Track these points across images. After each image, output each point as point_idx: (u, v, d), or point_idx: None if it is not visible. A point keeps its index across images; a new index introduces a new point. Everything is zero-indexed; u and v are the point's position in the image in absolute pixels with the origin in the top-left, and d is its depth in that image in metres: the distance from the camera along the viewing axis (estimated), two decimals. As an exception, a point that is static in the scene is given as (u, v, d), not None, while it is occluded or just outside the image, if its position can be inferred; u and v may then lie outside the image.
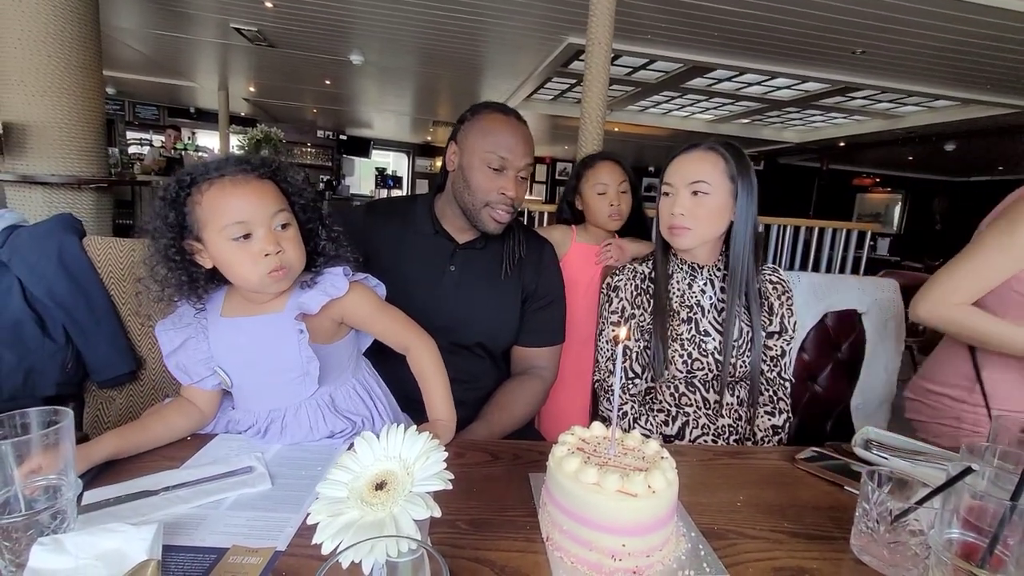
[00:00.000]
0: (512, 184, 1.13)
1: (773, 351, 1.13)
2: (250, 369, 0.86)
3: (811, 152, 9.09)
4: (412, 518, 0.41)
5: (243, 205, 0.78)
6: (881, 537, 0.63)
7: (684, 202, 1.05)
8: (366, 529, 0.41)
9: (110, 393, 1.23)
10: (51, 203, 2.67)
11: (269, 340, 0.85)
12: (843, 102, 6.28)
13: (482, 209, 1.14)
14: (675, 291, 1.14)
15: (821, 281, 1.56)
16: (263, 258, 0.78)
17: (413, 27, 4.65)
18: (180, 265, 0.81)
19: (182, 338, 0.86)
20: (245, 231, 0.78)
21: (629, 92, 6.55)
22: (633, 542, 0.59)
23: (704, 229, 1.07)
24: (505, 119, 1.14)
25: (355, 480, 0.46)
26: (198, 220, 0.79)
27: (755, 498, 0.78)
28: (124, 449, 0.78)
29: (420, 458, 0.47)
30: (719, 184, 1.04)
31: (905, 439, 0.98)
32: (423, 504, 0.41)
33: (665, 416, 1.13)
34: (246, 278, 0.80)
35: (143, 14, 4.88)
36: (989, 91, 5.16)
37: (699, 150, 1.07)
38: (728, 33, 4.23)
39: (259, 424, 0.87)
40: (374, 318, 0.92)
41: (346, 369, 0.94)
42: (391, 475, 0.46)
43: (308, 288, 0.86)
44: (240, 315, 0.87)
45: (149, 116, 10.03)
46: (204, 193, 0.79)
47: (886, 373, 1.60)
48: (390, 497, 0.43)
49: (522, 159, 1.14)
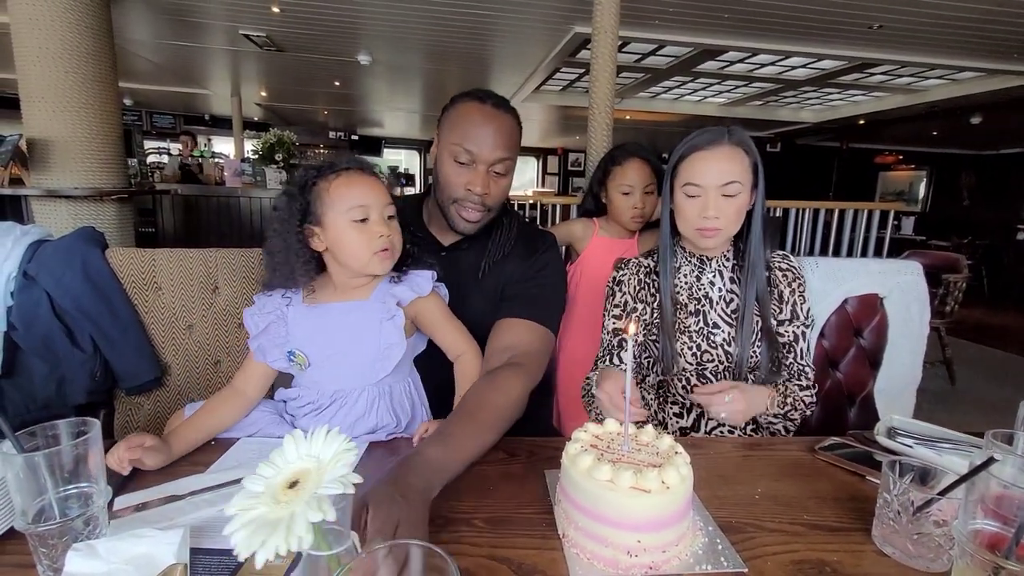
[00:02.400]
0: (480, 179, 1.03)
1: (785, 337, 1.11)
2: (329, 351, 0.95)
3: (830, 132, 8.84)
4: (307, 520, 0.41)
5: (365, 192, 0.91)
6: (904, 528, 0.62)
7: (718, 204, 1.00)
8: (265, 527, 0.42)
9: (138, 399, 1.27)
10: (75, 215, 2.75)
11: (353, 323, 0.95)
12: (862, 79, 6.09)
13: (451, 206, 1.07)
14: (683, 284, 1.12)
15: (840, 266, 1.53)
16: (377, 238, 0.90)
17: (419, 25, 4.64)
18: (296, 245, 0.92)
19: (266, 323, 0.96)
20: (364, 214, 0.90)
21: (640, 79, 6.45)
22: (648, 538, 0.59)
23: (732, 227, 1.03)
24: (477, 108, 1.04)
25: (275, 476, 0.47)
26: (323, 204, 0.91)
27: (774, 490, 0.77)
28: (186, 448, 0.86)
29: (332, 460, 0.47)
30: (746, 180, 1.01)
31: (930, 426, 0.96)
32: (317, 507, 0.42)
33: (679, 408, 1.13)
34: (358, 255, 0.92)
35: (155, 25, 4.96)
36: (1016, 60, 4.96)
37: (725, 147, 1.00)
38: (738, 14, 4.13)
39: (320, 402, 0.95)
40: (443, 323, 1.00)
41: (406, 366, 1.02)
42: (305, 475, 0.46)
43: (396, 283, 0.97)
44: (327, 301, 0.97)
45: (166, 125, 10.22)
46: (332, 181, 0.91)
47: (911, 357, 1.56)
48: (297, 497, 0.43)
49: (492, 152, 1.02)
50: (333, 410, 0.95)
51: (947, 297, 3.48)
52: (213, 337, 1.31)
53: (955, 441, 0.90)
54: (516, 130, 1.08)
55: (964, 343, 4.44)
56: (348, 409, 0.94)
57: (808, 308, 1.13)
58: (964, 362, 3.80)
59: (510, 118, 1.06)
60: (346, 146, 11.36)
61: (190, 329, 1.29)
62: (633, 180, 1.52)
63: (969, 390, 3.46)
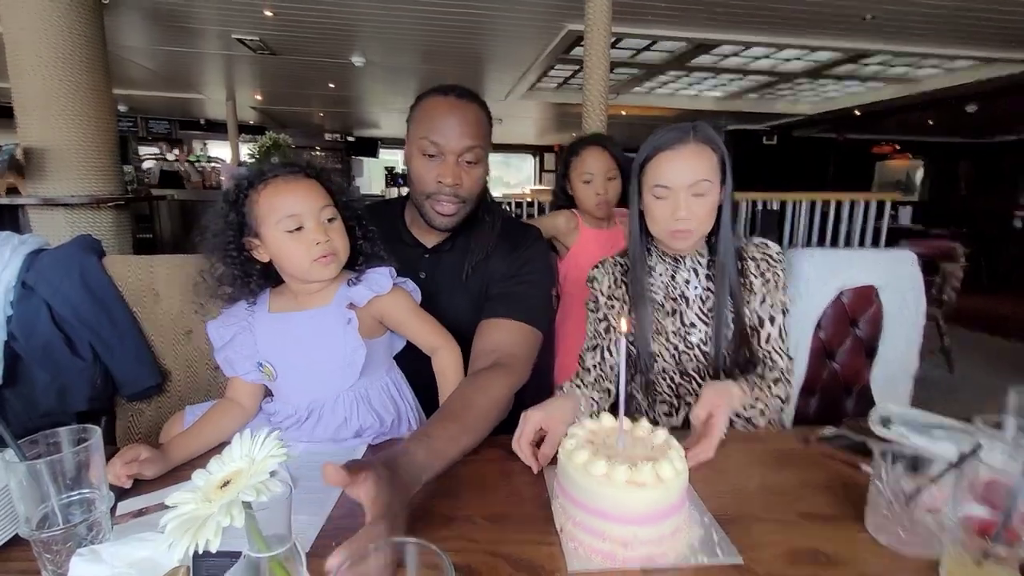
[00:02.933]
0: (450, 170, 1.01)
1: (751, 320, 1.06)
2: (295, 361, 0.93)
3: (826, 123, 8.84)
4: (218, 524, 0.42)
5: (294, 200, 0.88)
6: (896, 516, 0.63)
7: (688, 205, 0.97)
8: (189, 522, 0.43)
9: (139, 406, 1.28)
10: (73, 223, 2.75)
11: (315, 333, 0.93)
12: (856, 70, 6.10)
13: (425, 202, 1.05)
14: (658, 284, 1.09)
15: (835, 257, 1.54)
16: (314, 246, 0.87)
17: (412, 26, 4.65)
18: (238, 261, 0.90)
19: (231, 334, 0.94)
20: (297, 224, 0.87)
21: (634, 75, 6.46)
22: (644, 531, 0.60)
23: (704, 227, 1.01)
24: (440, 100, 1.02)
25: (216, 474, 0.48)
26: (256, 217, 0.88)
27: (769, 481, 0.78)
28: (186, 456, 0.86)
29: (258, 464, 0.47)
30: (715, 178, 0.98)
31: (924, 413, 0.97)
32: (227, 513, 0.42)
33: (668, 407, 1.13)
34: (298, 265, 0.89)
35: (148, 32, 4.96)
36: (1010, 48, 4.96)
37: (691, 145, 0.97)
38: (730, 7, 4.13)
39: (298, 414, 0.94)
40: (410, 319, 0.98)
41: (380, 367, 1.00)
42: (237, 475, 0.47)
43: (354, 284, 0.94)
44: (288, 310, 0.95)
45: (161, 130, 10.23)
46: (260, 192, 0.89)
47: (907, 347, 1.57)
48: (223, 497, 0.44)
49: (459, 141, 1.01)
50: (313, 421, 0.93)
51: (944, 286, 3.49)
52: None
53: (948, 428, 0.91)
54: (482, 119, 1.05)
55: (963, 331, 4.45)
56: (328, 418, 0.93)
57: (781, 295, 1.07)
58: (963, 350, 3.81)
59: (475, 107, 1.04)
60: (342, 148, 11.37)
61: (189, 335, 1.30)
62: (593, 168, 1.54)
63: (968, 378, 3.47)
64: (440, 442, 0.74)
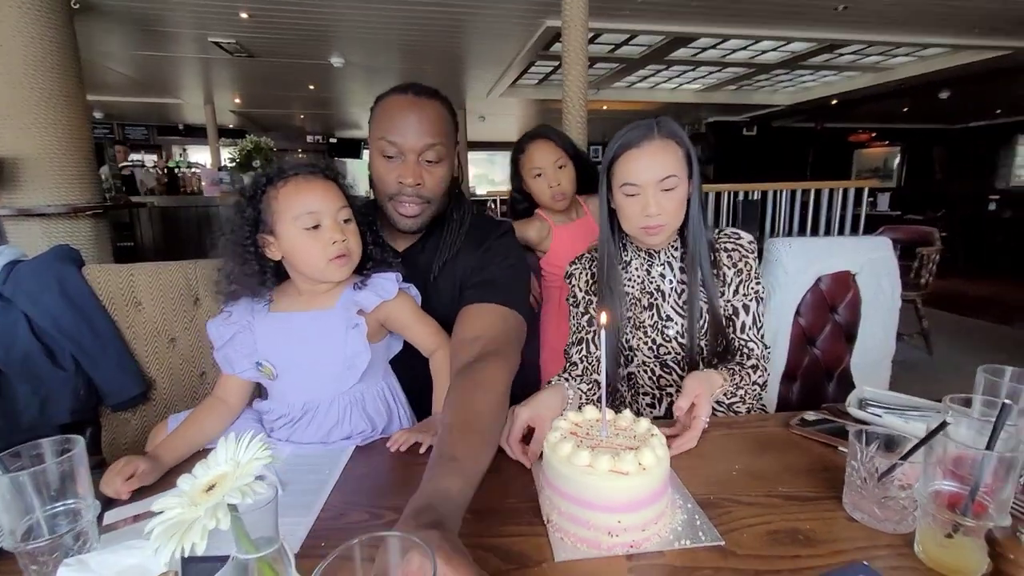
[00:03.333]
0: (410, 170, 0.99)
1: (726, 311, 1.07)
2: (295, 361, 0.93)
3: (804, 113, 8.97)
4: (204, 527, 0.43)
5: (314, 198, 0.89)
6: (871, 494, 0.65)
7: (658, 201, 0.97)
8: (175, 526, 0.43)
9: (124, 415, 1.27)
10: (49, 234, 2.70)
11: (318, 334, 0.93)
12: (831, 59, 6.19)
13: (388, 204, 1.04)
14: (635, 278, 1.11)
15: (813, 245, 1.57)
16: (331, 245, 0.88)
17: (390, 25, 4.62)
18: (252, 257, 0.91)
19: (231, 333, 0.94)
20: (315, 221, 0.88)
21: (614, 69, 6.49)
22: (628, 518, 0.61)
23: (675, 221, 1.01)
24: (398, 99, 1.00)
25: (202, 477, 0.48)
26: (273, 213, 0.89)
27: (750, 465, 0.80)
28: (177, 458, 0.86)
29: (243, 467, 0.47)
30: (682, 172, 0.99)
31: (899, 395, 1.00)
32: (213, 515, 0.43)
33: (651, 399, 1.14)
34: (313, 264, 0.90)
35: (121, 37, 4.88)
36: (977, 35, 5.07)
37: (657, 141, 0.98)
38: (706, 0, 4.17)
39: (292, 414, 0.94)
40: (413, 323, 0.99)
41: (378, 371, 1.01)
42: (223, 479, 0.47)
43: (360, 288, 0.94)
44: (292, 310, 0.95)
45: (139, 136, 10.05)
46: (280, 189, 0.89)
47: (884, 331, 1.61)
48: (209, 501, 0.45)
49: (418, 139, 0.98)
50: (305, 421, 0.93)
51: (922, 270, 3.56)
52: (197, 349, 1.31)
53: (923, 409, 0.94)
54: (443, 116, 1.02)
55: (941, 314, 4.55)
56: (321, 419, 0.93)
57: (754, 284, 1.07)
58: (941, 332, 3.89)
59: (435, 104, 1.01)
60: (324, 149, 11.26)
61: (173, 342, 1.29)
62: (540, 161, 1.51)
63: (947, 359, 3.55)
64: (470, 463, 0.65)
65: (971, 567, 0.55)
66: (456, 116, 1.09)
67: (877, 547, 0.62)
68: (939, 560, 0.58)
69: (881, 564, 0.58)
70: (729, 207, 4.71)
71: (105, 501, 0.74)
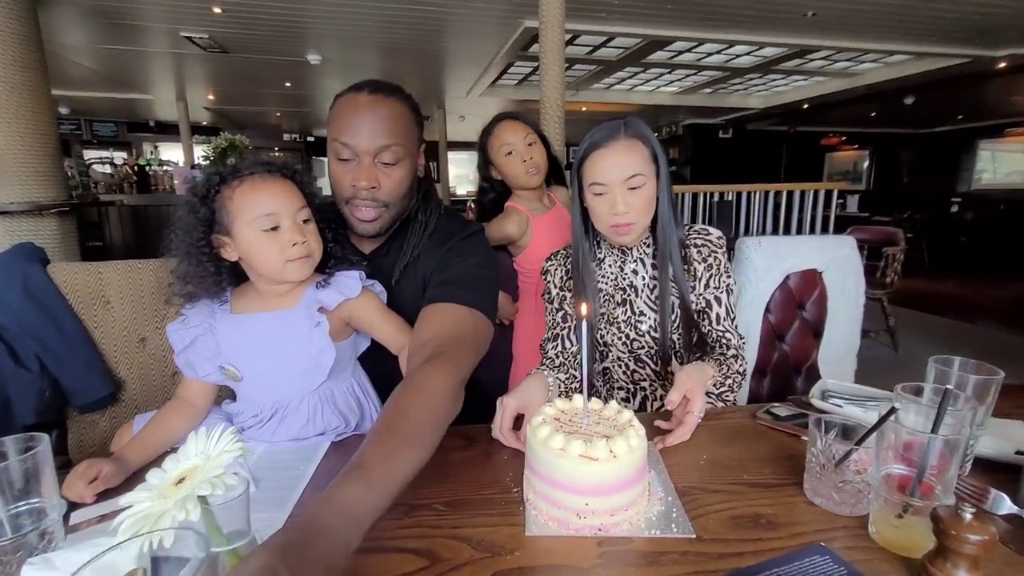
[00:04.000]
0: (364, 173, 0.95)
1: (698, 305, 1.10)
2: (260, 362, 0.92)
3: (777, 116, 9.18)
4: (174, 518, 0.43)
5: (272, 199, 0.87)
6: (829, 479, 0.68)
7: (625, 199, 1.00)
8: (144, 520, 0.43)
9: (92, 417, 1.24)
10: (13, 232, 2.62)
11: (281, 334, 0.91)
12: (802, 64, 6.36)
13: (345, 208, 1.00)
14: (608, 275, 1.13)
15: (781, 244, 1.62)
16: (291, 247, 0.87)
17: (368, 22, 4.59)
18: (208, 259, 0.88)
19: (192, 336, 0.92)
20: (274, 223, 0.86)
21: (593, 71, 6.55)
22: (596, 501, 0.64)
23: (644, 219, 1.04)
24: (351, 98, 0.96)
25: (172, 471, 0.48)
26: (229, 214, 0.86)
27: (718, 455, 0.83)
28: (143, 460, 0.84)
29: (214, 460, 0.48)
30: (648, 170, 1.01)
31: (860, 387, 1.04)
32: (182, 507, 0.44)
33: (625, 393, 1.17)
34: (272, 266, 0.88)
35: (88, 30, 4.73)
36: (939, 43, 5.27)
37: (623, 141, 1.00)
38: (681, 5, 4.25)
39: (262, 415, 0.93)
40: (379, 321, 0.98)
41: (346, 368, 1.00)
42: (193, 472, 0.47)
43: (323, 287, 0.93)
44: (252, 311, 0.93)
45: (108, 133, 9.76)
46: (235, 189, 0.87)
47: (849, 326, 1.66)
48: (179, 493, 0.45)
49: (371, 141, 0.94)
50: (276, 421, 0.92)
51: (887, 269, 3.69)
52: (168, 349, 1.25)
53: (880, 399, 0.98)
54: (401, 115, 0.97)
55: (907, 311, 4.71)
56: (292, 418, 0.92)
57: (724, 278, 1.10)
58: (907, 329, 4.03)
59: (391, 102, 0.96)
60: (301, 148, 11.10)
61: (143, 342, 1.27)
62: (510, 138, 1.49)
63: (912, 355, 3.68)
64: (378, 469, 0.59)
65: (919, 545, 0.58)
66: (420, 114, 1.05)
67: (835, 529, 0.64)
68: (890, 539, 0.61)
69: (838, 545, 0.61)
70: (705, 207, 4.80)
71: (71, 502, 0.72)
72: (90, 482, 0.74)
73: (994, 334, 4.29)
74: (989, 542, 0.50)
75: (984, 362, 0.77)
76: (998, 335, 4.25)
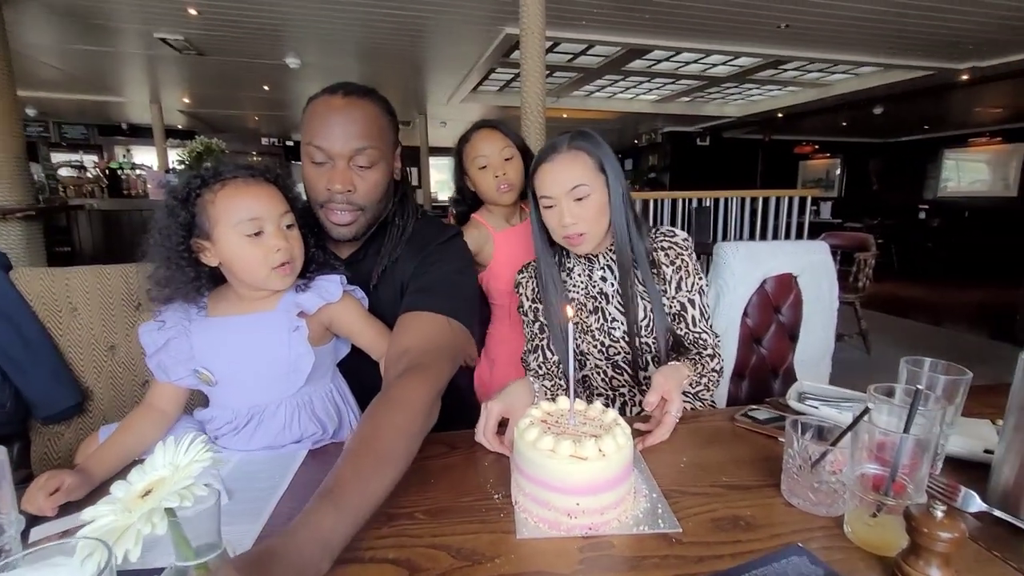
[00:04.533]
0: (339, 176, 0.94)
1: (672, 309, 1.10)
2: (236, 366, 0.89)
3: (753, 125, 9.39)
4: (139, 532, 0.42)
5: (256, 203, 0.85)
6: (805, 479, 0.69)
7: (571, 210, 1.01)
8: (108, 534, 0.41)
9: (57, 428, 1.19)
10: (-26, 237, 2.52)
11: (259, 338, 0.89)
12: (776, 75, 6.52)
13: (320, 212, 0.99)
14: (579, 284, 1.14)
15: (758, 249, 1.65)
16: (274, 253, 0.85)
17: (348, 26, 4.56)
18: (187, 264, 0.86)
19: (165, 339, 0.89)
20: (257, 228, 0.84)
21: (573, 78, 6.61)
22: (587, 501, 0.64)
23: (596, 228, 1.04)
24: (325, 101, 0.95)
25: (137, 483, 0.46)
26: (210, 218, 0.84)
27: (697, 457, 0.83)
28: (108, 471, 0.80)
29: (182, 470, 0.46)
30: (594, 180, 1.02)
31: (835, 388, 1.06)
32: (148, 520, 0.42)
33: (605, 400, 1.17)
34: (254, 272, 0.86)
35: (58, 30, 4.61)
36: (906, 55, 5.46)
37: (563, 153, 1.03)
38: (659, 14, 4.32)
39: (237, 421, 0.90)
40: (360, 326, 0.97)
41: (326, 374, 0.98)
42: (160, 484, 0.46)
43: (303, 291, 0.91)
44: (230, 313, 0.91)
45: (78, 136, 9.50)
46: (217, 192, 0.84)
47: (823, 330, 1.70)
48: (145, 506, 0.44)
49: (345, 144, 0.93)
50: (252, 427, 0.90)
51: (859, 273, 3.79)
52: (138, 356, 1.24)
53: (855, 400, 1.00)
54: (376, 116, 0.97)
55: (878, 315, 4.85)
56: (268, 424, 0.90)
57: (693, 279, 1.11)
58: (878, 332, 4.14)
59: (365, 104, 0.96)
60: (280, 152, 10.95)
61: (112, 350, 1.23)
62: (485, 150, 1.39)
63: (883, 358, 3.78)
64: (350, 493, 0.60)
65: (893, 543, 0.59)
66: (395, 116, 1.04)
67: (811, 529, 0.65)
68: (865, 539, 0.62)
69: (815, 545, 0.62)
70: (684, 213, 4.87)
71: (32, 517, 0.69)
72: (51, 494, 0.71)
73: (960, 336, 4.43)
74: (960, 539, 0.52)
75: (953, 363, 0.79)
76: (964, 337, 4.39)
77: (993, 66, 5.57)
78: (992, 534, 0.63)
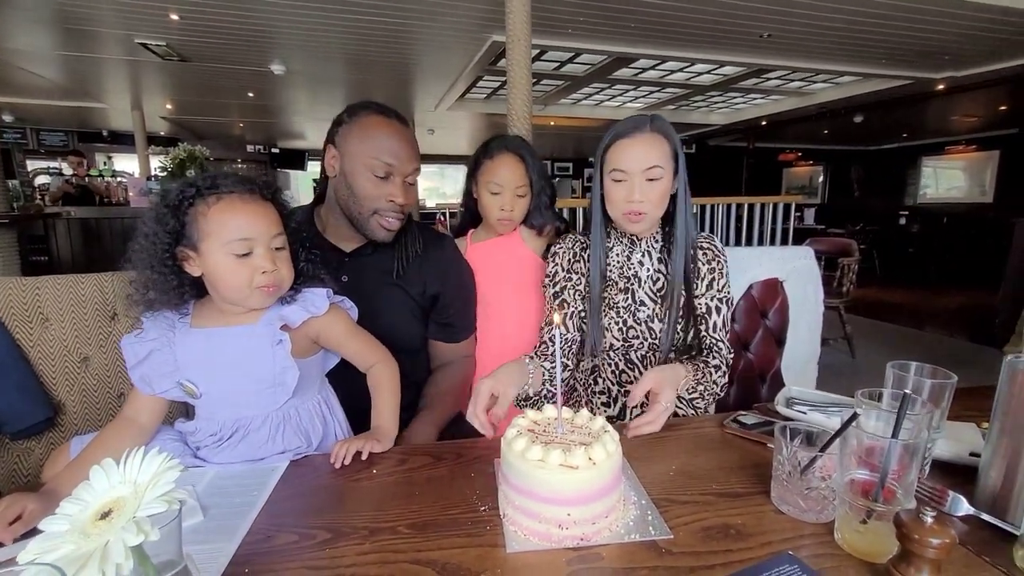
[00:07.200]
0: (400, 191, 1.09)
1: (699, 309, 1.13)
2: (220, 378, 0.87)
3: (738, 132, 9.51)
4: (125, 545, 0.40)
5: (249, 224, 0.83)
6: (795, 486, 0.68)
7: (642, 188, 1.04)
8: (74, 563, 0.39)
9: (27, 444, 1.15)
10: (-55, 246, 2.44)
11: (243, 350, 0.88)
12: (759, 83, 6.62)
13: (371, 217, 1.10)
14: (615, 263, 1.17)
15: (745, 255, 1.66)
16: (260, 274, 0.84)
17: (334, 33, 4.54)
18: (171, 270, 0.84)
19: (147, 350, 0.87)
20: (247, 248, 0.83)
21: (560, 86, 6.65)
22: (578, 511, 0.62)
23: (656, 211, 1.08)
24: (386, 122, 1.09)
25: (82, 511, 0.44)
26: (200, 230, 0.82)
27: (687, 465, 0.82)
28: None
29: (152, 480, 0.45)
30: (667, 165, 1.05)
31: (823, 394, 1.06)
32: (135, 530, 0.40)
33: (607, 397, 1.17)
34: (237, 291, 0.84)
35: (37, 35, 4.52)
36: (884, 65, 5.57)
37: (646, 133, 1.05)
38: (644, 23, 4.37)
39: (222, 433, 0.88)
40: (347, 339, 0.96)
41: (313, 386, 0.97)
42: (120, 502, 0.43)
43: (289, 303, 0.90)
44: (213, 325, 0.89)
45: (56, 143, 9.32)
46: (211, 206, 0.82)
47: (809, 334, 1.71)
48: (111, 526, 0.41)
49: (409, 164, 1.10)
50: (236, 439, 0.88)
51: (843, 279, 3.84)
52: (114, 368, 1.21)
53: (843, 405, 1.00)
54: (416, 142, 1.15)
55: (862, 319, 4.91)
56: (252, 437, 0.88)
57: (724, 284, 1.14)
58: (862, 336, 4.19)
59: (411, 130, 1.14)
60: (266, 160, 10.84)
61: (86, 362, 1.19)
62: (503, 179, 1.36)
63: (867, 361, 3.82)
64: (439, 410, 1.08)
65: (883, 550, 0.58)
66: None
67: (802, 537, 0.64)
68: (855, 545, 0.61)
69: (806, 553, 0.61)
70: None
71: (-5, 539, 0.66)
72: (10, 523, 0.66)
73: (942, 340, 4.50)
74: (950, 545, 0.51)
75: (938, 367, 0.79)
76: (946, 341, 4.46)
77: (968, 76, 5.71)
78: (980, 538, 0.63)
